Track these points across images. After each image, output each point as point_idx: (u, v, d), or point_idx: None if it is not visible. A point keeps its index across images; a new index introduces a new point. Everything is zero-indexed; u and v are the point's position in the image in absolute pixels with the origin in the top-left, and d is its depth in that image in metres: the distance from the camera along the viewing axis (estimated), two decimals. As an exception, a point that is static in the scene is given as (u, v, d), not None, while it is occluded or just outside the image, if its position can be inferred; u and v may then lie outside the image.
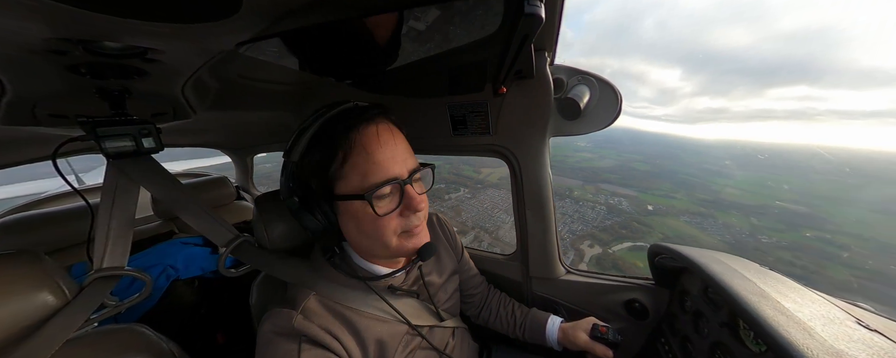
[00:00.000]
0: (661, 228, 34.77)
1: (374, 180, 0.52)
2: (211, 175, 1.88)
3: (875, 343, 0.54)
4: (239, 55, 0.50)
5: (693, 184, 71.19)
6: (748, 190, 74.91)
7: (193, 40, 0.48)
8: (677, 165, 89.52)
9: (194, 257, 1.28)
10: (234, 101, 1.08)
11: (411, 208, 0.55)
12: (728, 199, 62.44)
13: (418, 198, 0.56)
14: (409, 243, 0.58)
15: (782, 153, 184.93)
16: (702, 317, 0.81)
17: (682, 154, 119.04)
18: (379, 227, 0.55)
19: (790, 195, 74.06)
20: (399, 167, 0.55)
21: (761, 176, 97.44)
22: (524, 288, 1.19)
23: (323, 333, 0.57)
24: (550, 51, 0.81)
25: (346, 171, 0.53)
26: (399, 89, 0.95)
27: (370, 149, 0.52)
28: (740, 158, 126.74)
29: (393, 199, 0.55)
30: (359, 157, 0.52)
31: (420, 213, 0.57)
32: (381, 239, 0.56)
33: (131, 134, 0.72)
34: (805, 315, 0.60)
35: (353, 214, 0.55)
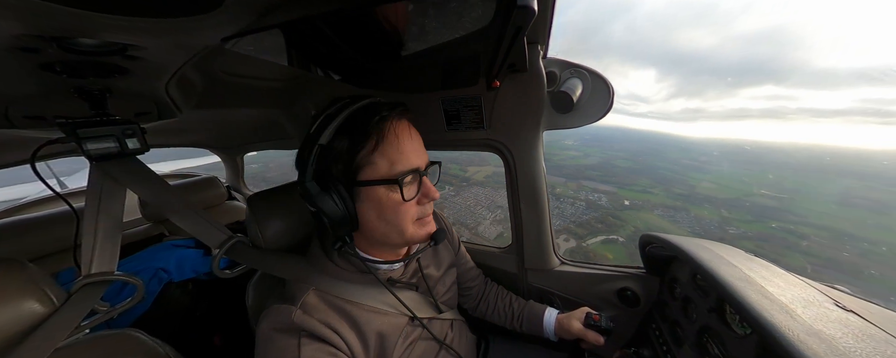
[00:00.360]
0: (634, 222, 36.91)
1: (401, 168, 0.56)
2: (200, 175, 1.84)
3: (850, 322, 0.57)
4: (225, 51, 0.49)
5: (671, 179, 75.30)
6: (724, 184, 78.57)
7: (176, 36, 0.46)
8: (659, 162, 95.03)
9: (187, 260, 1.26)
10: (221, 98, 1.05)
11: (428, 196, 0.61)
12: (703, 193, 66.74)
13: (433, 188, 0.61)
14: (422, 230, 0.62)
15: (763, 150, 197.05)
16: (691, 303, 0.83)
17: (666, 150, 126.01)
18: (400, 212, 0.58)
19: (765, 189, 79.50)
20: (420, 159, 0.60)
21: (737, 171, 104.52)
22: (520, 280, 1.21)
23: (323, 326, 0.57)
24: (543, 44, 0.81)
25: (375, 158, 0.55)
26: (392, 84, 0.94)
27: (402, 139, 0.57)
28: (719, 155, 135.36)
29: (414, 187, 0.59)
30: (389, 147, 0.55)
31: (434, 200, 0.63)
32: (399, 225, 0.59)
33: (114, 135, 0.70)
34: (787, 298, 0.63)
35: (376, 199, 0.57)
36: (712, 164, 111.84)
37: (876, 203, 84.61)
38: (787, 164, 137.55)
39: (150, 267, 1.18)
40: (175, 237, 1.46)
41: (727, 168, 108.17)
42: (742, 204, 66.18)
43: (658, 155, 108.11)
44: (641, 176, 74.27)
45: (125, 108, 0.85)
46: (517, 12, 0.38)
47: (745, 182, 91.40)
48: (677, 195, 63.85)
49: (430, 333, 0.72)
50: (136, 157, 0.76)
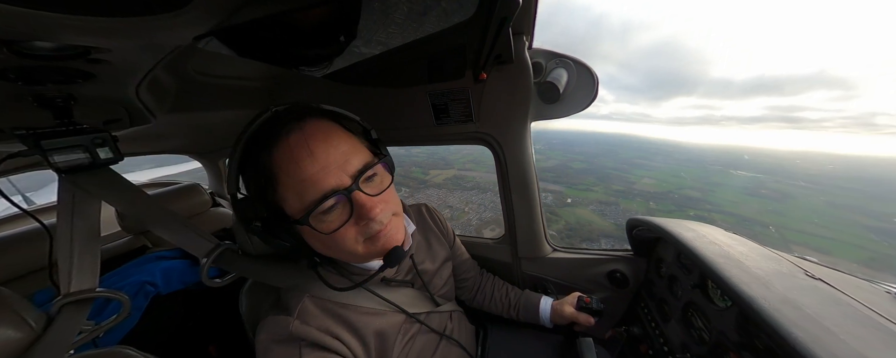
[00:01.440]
0: (567, 217, 40.98)
1: (311, 198, 0.47)
2: (182, 183, 1.77)
3: (819, 289, 0.62)
4: (198, 50, 0.46)
5: (615, 177, 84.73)
6: (662, 180, 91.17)
7: (143, 36, 0.43)
8: (610, 162, 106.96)
9: (173, 271, 1.22)
10: (197, 101, 1.00)
11: (364, 217, 0.50)
12: (640, 188, 75.02)
13: (370, 203, 0.50)
14: (376, 247, 0.54)
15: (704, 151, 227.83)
16: (676, 281, 0.88)
17: (620, 151, 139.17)
18: (337, 241, 0.51)
19: (690, 183, 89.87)
20: (335, 177, 0.48)
21: (675, 168, 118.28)
22: (514, 269, 1.23)
23: (322, 334, 0.56)
24: (528, 35, 0.81)
25: (282, 195, 0.49)
26: (376, 79, 0.92)
27: (292, 169, 0.47)
28: (666, 154, 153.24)
29: (342, 210, 0.50)
30: (287, 180, 0.47)
31: (377, 217, 0.51)
32: (345, 250, 0.53)
33: (83, 145, 0.65)
34: (762, 271, 0.67)
35: (309, 234, 0.52)
36: (659, 162, 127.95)
37: (776, 193, 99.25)
38: (719, 161, 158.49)
39: (135, 281, 1.13)
40: (159, 249, 1.41)
41: (674, 166, 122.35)
42: (671, 196, 74.98)
43: (612, 155, 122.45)
44: (590, 175, 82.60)
45: (93, 115, 0.80)
46: (502, 3, 0.38)
47: (682, 177, 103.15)
48: (615, 191, 71.66)
49: (429, 327, 0.73)
50: (109, 167, 0.72)
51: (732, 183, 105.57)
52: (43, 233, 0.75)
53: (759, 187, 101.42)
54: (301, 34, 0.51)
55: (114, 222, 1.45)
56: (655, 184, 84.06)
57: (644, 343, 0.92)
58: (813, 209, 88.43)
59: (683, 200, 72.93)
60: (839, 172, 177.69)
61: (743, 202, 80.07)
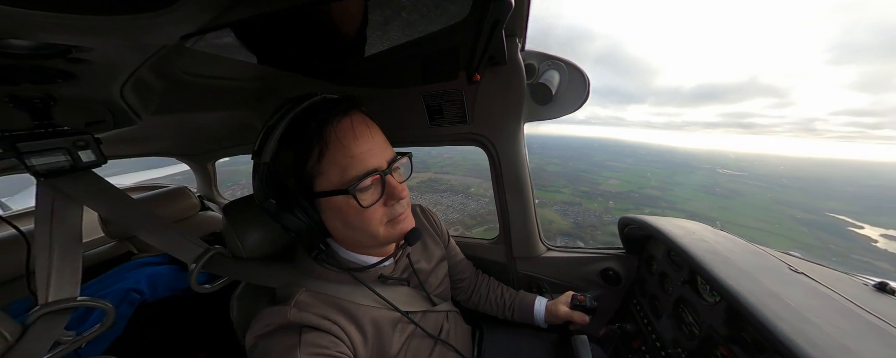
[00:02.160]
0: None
1: (354, 174, 0.51)
2: (168, 186, 1.72)
3: (802, 282, 0.64)
4: (185, 50, 0.45)
5: (583, 179, 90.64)
6: (627, 180, 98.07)
7: (128, 34, 0.42)
8: (583, 164, 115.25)
9: (160, 277, 1.18)
10: (185, 102, 0.98)
11: (394, 197, 0.56)
12: (605, 189, 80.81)
13: (399, 186, 0.57)
14: (396, 230, 0.59)
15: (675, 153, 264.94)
16: (667, 277, 0.89)
17: (594, 154, 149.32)
18: (365, 218, 0.55)
19: (655, 183, 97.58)
20: (377, 159, 0.54)
21: (643, 169, 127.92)
22: (509, 269, 1.24)
23: (320, 319, 0.56)
24: (521, 37, 0.81)
25: (324, 167, 0.51)
26: (369, 80, 0.91)
27: (347, 143, 0.51)
28: (637, 157, 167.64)
29: (375, 190, 0.55)
30: (336, 153, 0.51)
31: (403, 200, 0.58)
32: (368, 230, 0.56)
33: (64, 148, 0.63)
34: (748, 266, 0.69)
35: (337, 208, 0.54)
36: (628, 163, 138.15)
37: (729, 191, 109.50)
38: (687, 163, 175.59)
39: (119, 288, 1.09)
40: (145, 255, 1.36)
41: (642, 167, 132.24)
42: (631, 196, 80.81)
43: (585, 158, 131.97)
44: (562, 178, 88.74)
45: (74, 117, 0.77)
46: (494, 5, 0.38)
47: (647, 177, 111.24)
48: (581, 192, 76.86)
49: (423, 330, 0.73)
50: (91, 170, 0.70)
51: (691, 182, 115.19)
52: (20, 240, 0.72)
53: (715, 186, 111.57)
54: (339, 41, 0.50)
55: (97, 228, 1.40)
56: (620, 184, 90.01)
57: (637, 339, 0.94)
58: (758, 205, 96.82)
59: (642, 199, 78.20)
60: (787, 173, 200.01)
61: (697, 199, 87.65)
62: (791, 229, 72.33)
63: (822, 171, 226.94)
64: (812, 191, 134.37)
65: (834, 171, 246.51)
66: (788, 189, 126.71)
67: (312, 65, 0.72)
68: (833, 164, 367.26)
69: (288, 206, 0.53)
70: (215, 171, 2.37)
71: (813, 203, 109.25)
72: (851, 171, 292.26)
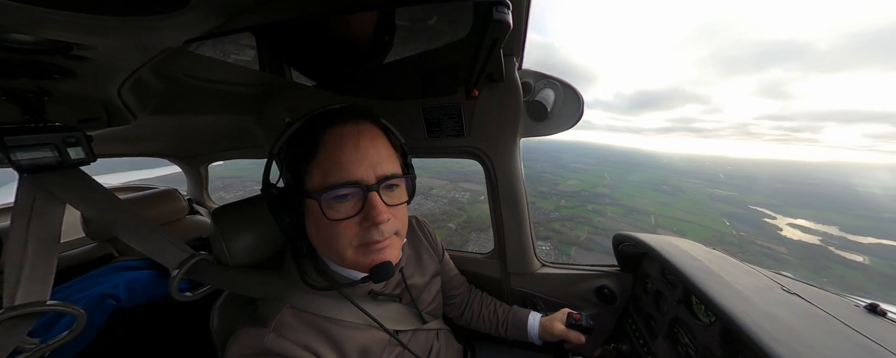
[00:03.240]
0: (472, 212, 46.42)
1: (332, 181, 0.49)
2: (157, 188, 1.68)
3: (795, 303, 0.64)
4: (188, 52, 0.46)
5: (544, 179, 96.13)
6: (584, 180, 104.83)
7: (132, 36, 0.42)
8: (548, 166, 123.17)
9: (139, 283, 1.13)
10: (183, 104, 0.98)
11: (370, 219, 0.50)
12: (562, 188, 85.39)
13: (380, 208, 0.50)
14: (365, 259, 0.52)
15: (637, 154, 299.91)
16: (661, 296, 0.88)
17: (563, 156, 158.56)
18: (333, 233, 0.51)
19: (609, 182, 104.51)
20: (364, 171, 0.51)
21: (602, 170, 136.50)
22: (504, 284, 1.21)
23: (299, 349, 0.53)
24: (518, 56, 0.84)
25: (311, 169, 0.52)
26: (370, 91, 0.93)
27: (333, 148, 0.51)
28: (599, 158, 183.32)
29: (353, 204, 0.51)
30: (326, 156, 0.51)
31: (382, 226, 0.51)
32: (335, 246, 0.52)
33: (53, 143, 0.62)
34: (742, 286, 0.69)
35: (313, 213, 0.53)
36: (591, 165, 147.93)
37: (674, 189, 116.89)
38: (644, 164, 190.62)
39: (94, 293, 1.04)
40: (125, 258, 1.31)
41: (604, 168, 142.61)
42: (582, 194, 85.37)
43: (553, 161, 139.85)
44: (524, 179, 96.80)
45: (68, 113, 0.76)
46: (494, 25, 0.40)
47: (604, 178, 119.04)
48: (538, 192, 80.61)
49: (412, 353, 0.70)
50: (79, 168, 0.68)
51: (640, 180, 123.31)
52: None
53: (662, 184, 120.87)
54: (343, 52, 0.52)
55: (77, 227, 1.35)
56: (576, 184, 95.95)
57: None
58: (694, 201, 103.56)
59: (591, 196, 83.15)
60: (728, 172, 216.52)
61: (641, 195, 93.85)
62: (714, 220, 77.89)
63: (756, 170, 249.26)
64: (743, 187, 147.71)
65: (766, 170, 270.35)
66: (723, 186, 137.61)
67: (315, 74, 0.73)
68: (767, 163, 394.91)
69: (282, 200, 0.55)
70: (208, 174, 2.34)
71: (740, 198, 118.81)
72: (780, 169, 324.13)
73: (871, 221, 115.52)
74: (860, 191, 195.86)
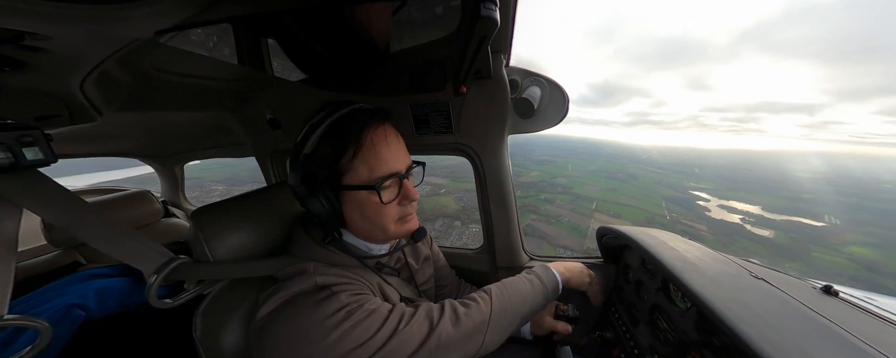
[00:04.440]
0: (428, 205, 50.02)
1: (380, 173, 0.59)
2: (128, 189, 1.59)
3: (762, 288, 0.69)
4: (159, 45, 0.43)
5: None
6: (546, 171, 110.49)
7: (95, 25, 0.39)
8: (518, 160, 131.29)
9: (110, 291, 1.06)
10: (154, 99, 0.92)
11: (408, 198, 0.64)
12: (523, 180, 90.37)
13: (413, 189, 0.66)
14: (404, 228, 0.66)
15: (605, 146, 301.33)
16: (642, 285, 0.93)
17: (536, 149, 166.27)
18: (382, 213, 0.62)
19: (570, 172, 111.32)
20: (400, 164, 0.63)
21: (567, 162, 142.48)
22: (492, 278, 1.23)
23: (344, 279, 0.62)
24: (505, 53, 0.85)
25: (355, 165, 0.59)
26: (355, 87, 0.91)
27: (378, 147, 0.60)
28: (568, 150, 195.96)
29: (393, 190, 0.63)
30: (368, 154, 0.59)
31: (414, 202, 0.67)
32: (382, 223, 0.63)
33: (5, 143, 0.57)
34: (715, 273, 0.73)
35: (358, 201, 0.62)
36: (560, 157, 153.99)
37: (628, 176, 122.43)
38: (610, 154, 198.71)
39: (59, 304, 0.97)
40: (94, 265, 1.23)
41: (569, 160, 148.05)
42: (540, 185, 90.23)
43: (525, 155, 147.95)
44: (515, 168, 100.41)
45: (22, 109, 0.70)
46: (481, 22, 0.40)
47: (567, 168, 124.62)
48: (524, 183, 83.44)
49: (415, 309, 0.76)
50: (37, 170, 0.63)
51: (599, 170, 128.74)
52: None
53: (618, 172, 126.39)
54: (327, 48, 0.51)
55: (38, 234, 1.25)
56: (538, 175, 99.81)
57: (617, 347, 0.95)
58: (642, 187, 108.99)
59: (548, 187, 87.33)
60: (681, 160, 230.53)
61: (593, 183, 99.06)
62: (654, 204, 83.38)
63: (707, 160, 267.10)
64: (689, 174, 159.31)
65: (719, 159, 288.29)
66: (672, 173, 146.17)
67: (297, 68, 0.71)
68: (720, 153, 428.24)
69: (316, 193, 0.60)
70: (183, 174, 2.22)
71: (684, 183, 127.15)
72: (727, 157, 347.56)
73: (791, 201, 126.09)
74: (790, 175, 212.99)
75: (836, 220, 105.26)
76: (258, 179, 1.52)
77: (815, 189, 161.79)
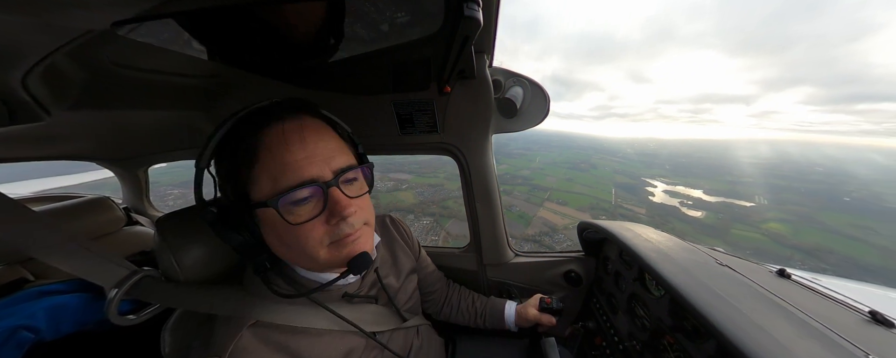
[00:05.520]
0: (385, 200, 50.98)
1: (285, 184, 0.45)
2: (84, 196, 1.45)
3: (727, 274, 0.76)
4: (117, 37, 0.39)
5: None
6: (514, 164, 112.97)
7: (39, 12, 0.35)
8: None
9: (64, 310, 0.95)
10: (113, 97, 0.84)
11: (337, 214, 0.48)
12: None
13: (345, 201, 0.49)
14: (341, 254, 0.50)
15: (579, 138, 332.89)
16: (620, 276, 0.98)
17: (511, 144, 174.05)
18: (299, 237, 0.48)
19: (536, 165, 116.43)
20: (318, 168, 0.48)
21: (536, 155, 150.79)
22: (480, 276, 1.25)
23: None
24: (489, 53, 0.86)
25: (256, 175, 0.47)
26: (337, 85, 0.89)
27: (276, 149, 0.46)
28: (541, 144, 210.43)
29: (314, 204, 0.48)
30: (267, 160, 0.46)
31: (350, 219, 0.50)
32: (305, 250, 0.49)
33: None
34: (685, 262, 0.79)
35: (270, 223, 0.48)
36: (532, 151, 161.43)
37: (589, 166, 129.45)
38: (582, 147, 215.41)
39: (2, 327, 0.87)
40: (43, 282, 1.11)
41: (539, 153, 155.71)
42: (504, 177, 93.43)
43: (499, 151, 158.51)
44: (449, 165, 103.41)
45: None
46: (465, 22, 0.40)
47: (533, 161, 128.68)
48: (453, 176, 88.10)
49: (392, 352, 0.68)
50: None
51: (562, 160, 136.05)
52: None
53: (581, 163, 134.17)
54: (295, 44, 0.48)
55: None
56: (506, 168, 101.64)
57: (599, 336, 1.00)
58: (599, 175, 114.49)
59: (510, 179, 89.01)
60: (646, 150, 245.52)
61: (553, 174, 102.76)
62: (604, 191, 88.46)
63: (669, 148, 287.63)
64: (647, 162, 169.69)
65: (675, 148, 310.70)
66: (633, 162, 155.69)
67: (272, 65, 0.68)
68: (682, 142, 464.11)
69: (225, 216, 0.48)
70: (148, 178, 2.07)
71: (638, 171, 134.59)
72: (686, 146, 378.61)
73: (731, 185, 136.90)
74: (737, 161, 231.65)
75: (764, 200, 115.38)
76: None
77: (755, 173, 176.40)
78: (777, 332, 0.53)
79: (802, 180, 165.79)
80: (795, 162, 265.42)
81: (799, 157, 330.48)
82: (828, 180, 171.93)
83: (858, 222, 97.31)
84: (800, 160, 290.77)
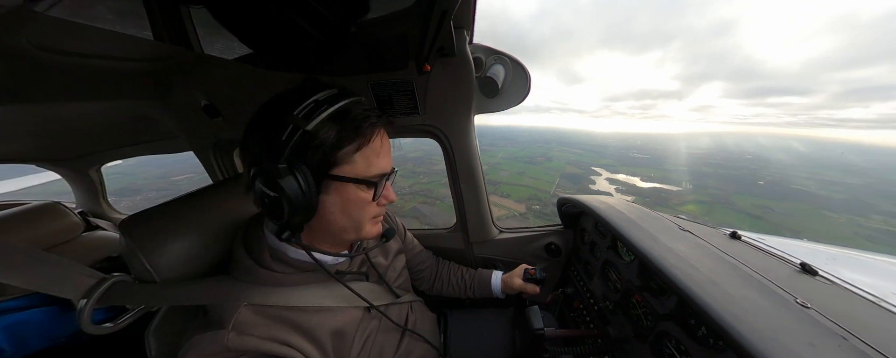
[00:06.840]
0: None
1: (376, 171, 0.59)
2: (31, 202, 1.30)
3: (687, 238, 0.84)
4: (39, 16, 0.33)
5: (423, 161, 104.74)
6: (488, 160, 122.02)
7: None
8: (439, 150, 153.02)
9: (27, 326, 0.88)
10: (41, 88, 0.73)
11: (388, 199, 0.65)
12: (437, 168, 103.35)
13: (392, 191, 0.66)
14: (375, 228, 0.65)
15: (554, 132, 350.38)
16: (596, 246, 1.06)
17: (483, 139, 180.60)
18: (364, 210, 0.60)
19: (497, 160, 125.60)
20: (390, 165, 0.64)
21: (501, 150, 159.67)
22: (467, 254, 1.31)
23: (268, 342, 0.52)
24: (469, 30, 0.82)
25: (355, 158, 0.56)
26: (308, 65, 0.82)
27: (379, 142, 0.60)
28: (509, 140, 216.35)
29: (380, 189, 0.63)
30: (371, 150, 0.57)
31: (391, 203, 0.68)
32: (359, 221, 0.61)
33: None
34: (652, 229, 0.87)
35: (344, 195, 0.58)
36: (501, 145, 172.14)
37: (545, 158, 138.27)
38: (545, 141, 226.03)
39: None
40: None
41: (506, 148, 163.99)
42: None
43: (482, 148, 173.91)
44: (422, 163, 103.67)
45: None
46: None
47: (495, 156, 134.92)
48: (434, 171, 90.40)
49: (390, 320, 0.73)
50: None
51: (521, 154, 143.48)
52: None
53: (538, 156, 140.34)
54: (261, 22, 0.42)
55: None
56: (483, 160, 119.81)
57: (577, 300, 1.10)
58: (550, 167, 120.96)
59: (489, 170, 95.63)
60: (596, 144, 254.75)
61: (507, 168, 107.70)
62: (548, 182, 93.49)
63: (617, 142, 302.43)
64: (599, 154, 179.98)
65: (628, 141, 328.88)
66: (584, 154, 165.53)
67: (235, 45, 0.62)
68: (639, 136, 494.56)
69: (294, 174, 0.53)
70: (102, 178, 1.88)
71: (587, 161, 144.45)
72: (634, 139, 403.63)
73: (666, 172, 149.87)
74: (678, 152, 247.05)
75: (689, 185, 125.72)
76: (175, 184, 1.33)
77: (690, 162, 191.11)
78: (726, 285, 0.60)
79: (728, 167, 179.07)
80: (729, 151, 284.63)
81: (733, 147, 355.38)
82: (750, 166, 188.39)
83: (760, 203, 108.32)
84: (733, 149, 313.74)
